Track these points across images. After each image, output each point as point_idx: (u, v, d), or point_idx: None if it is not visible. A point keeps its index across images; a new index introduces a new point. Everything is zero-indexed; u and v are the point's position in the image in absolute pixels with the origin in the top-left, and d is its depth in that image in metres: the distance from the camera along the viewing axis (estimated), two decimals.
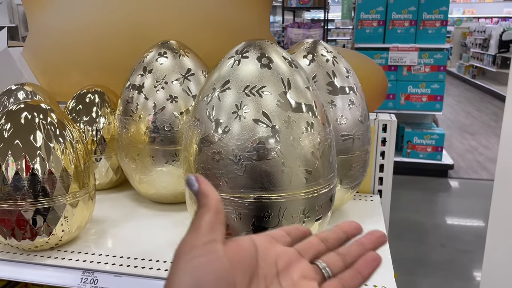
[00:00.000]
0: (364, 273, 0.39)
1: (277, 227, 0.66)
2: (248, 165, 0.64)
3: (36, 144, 0.75)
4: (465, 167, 4.21)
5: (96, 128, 1.06)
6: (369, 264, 0.39)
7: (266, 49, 0.69)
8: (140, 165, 0.96)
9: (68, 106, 1.09)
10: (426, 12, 3.73)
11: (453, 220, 3.18)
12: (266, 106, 0.65)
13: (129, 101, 0.95)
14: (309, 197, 0.67)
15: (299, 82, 0.68)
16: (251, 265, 0.35)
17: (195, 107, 0.72)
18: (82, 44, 1.25)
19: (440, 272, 2.44)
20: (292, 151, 0.65)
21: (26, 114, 0.77)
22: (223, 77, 0.68)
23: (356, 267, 0.39)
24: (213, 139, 0.66)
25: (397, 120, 1.09)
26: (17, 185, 0.74)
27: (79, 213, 0.81)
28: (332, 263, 0.39)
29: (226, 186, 0.66)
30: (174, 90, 0.93)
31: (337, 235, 0.42)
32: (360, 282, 0.38)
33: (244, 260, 0.35)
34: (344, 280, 0.38)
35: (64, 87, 1.27)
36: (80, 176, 0.80)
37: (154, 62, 0.94)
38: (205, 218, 0.34)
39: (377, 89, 1.18)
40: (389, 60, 3.81)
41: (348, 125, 0.86)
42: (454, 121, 6.16)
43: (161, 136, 0.93)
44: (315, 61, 0.87)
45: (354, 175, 0.90)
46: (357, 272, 0.39)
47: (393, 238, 2.79)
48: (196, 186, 0.36)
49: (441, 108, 3.90)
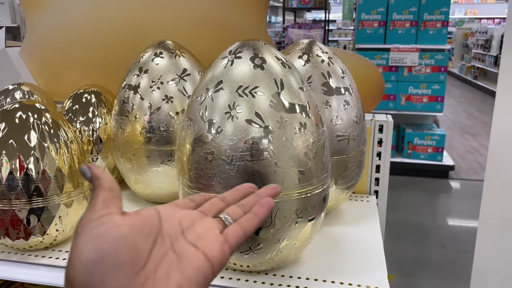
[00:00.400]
0: (260, 214, 0.43)
1: (270, 227, 0.66)
2: (240, 165, 0.64)
3: (30, 144, 0.75)
4: (466, 168, 4.20)
5: (92, 128, 1.06)
6: (263, 206, 0.44)
7: (259, 50, 0.69)
8: (136, 165, 0.96)
9: (64, 106, 1.09)
10: (427, 12, 3.73)
11: (454, 221, 3.18)
12: (259, 107, 0.65)
13: (125, 101, 0.95)
14: (302, 198, 0.67)
15: (292, 82, 0.68)
16: (154, 229, 0.38)
17: (188, 107, 0.72)
18: (79, 44, 1.25)
19: (441, 274, 2.44)
20: (284, 152, 0.64)
21: (20, 114, 0.77)
22: (216, 77, 0.68)
23: (253, 211, 0.44)
24: (206, 139, 0.66)
25: (398, 121, 1.09)
26: (11, 185, 0.74)
27: (73, 213, 0.81)
28: (232, 213, 0.44)
29: (218, 186, 0.66)
30: (170, 90, 0.93)
31: (235, 194, 0.47)
32: (257, 221, 0.43)
33: (145, 226, 0.37)
34: (242, 223, 0.42)
35: (61, 87, 1.28)
36: (75, 176, 0.80)
37: (150, 62, 0.94)
38: (99, 196, 0.38)
39: (373, 90, 1.18)
40: (390, 61, 3.81)
41: (343, 126, 0.86)
42: (455, 122, 6.15)
43: (157, 136, 0.93)
44: (311, 62, 0.87)
45: (349, 176, 0.90)
46: (253, 214, 0.43)
47: (394, 239, 2.79)
48: (88, 173, 0.39)
49: (442, 109, 3.89)
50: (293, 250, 0.71)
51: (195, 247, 0.38)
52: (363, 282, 0.72)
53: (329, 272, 0.75)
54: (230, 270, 0.75)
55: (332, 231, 0.91)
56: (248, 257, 0.69)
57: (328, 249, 0.84)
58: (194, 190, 0.68)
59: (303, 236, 0.70)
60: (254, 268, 0.73)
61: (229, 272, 0.75)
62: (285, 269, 0.76)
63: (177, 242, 0.38)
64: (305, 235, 0.71)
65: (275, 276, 0.74)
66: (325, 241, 0.86)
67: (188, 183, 0.69)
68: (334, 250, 0.83)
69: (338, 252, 0.82)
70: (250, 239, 0.66)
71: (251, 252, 0.68)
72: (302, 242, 0.72)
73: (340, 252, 0.82)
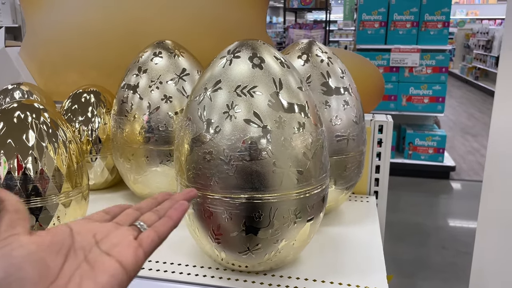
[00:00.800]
0: (174, 217, 0.44)
1: (268, 228, 0.66)
2: (239, 165, 0.64)
3: (28, 143, 0.75)
4: (466, 169, 4.19)
5: (91, 128, 1.06)
6: (177, 210, 0.45)
7: (258, 49, 0.69)
8: (135, 165, 0.96)
9: (63, 105, 1.09)
10: (428, 13, 3.72)
11: (455, 222, 3.17)
12: (258, 106, 0.64)
13: (124, 101, 0.95)
14: (300, 198, 0.66)
15: (291, 82, 0.68)
16: (65, 244, 0.38)
17: (187, 107, 0.71)
18: (79, 43, 1.25)
19: (441, 275, 2.43)
20: (283, 152, 0.64)
21: (19, 114, 0.77)
22: (215, 77, 0.68)
23: (167, 215, 0.44)
24: (204, 139, 0.66)
25: (398, 121, 1.09)
26: (9, 184, 0.74)
27: (72, 212, 0.81)
28: (147, 219, 0.44)
29: (217, 186, 0.65)
30: (169, 90, 0.93)
31: (150, 203, 0.48)
32: (171, 224, 0.44)
33: (55, 242, 0.38)
34: (157, 227, 0.43)
35: (61, 86, 1.28)
36: (73, 176, 0.80)
37: (149, 62, 0.94)
38: (5, 218, 0.38)
39: (373, 90, 1.18)
40: (391, 61, 3.81)
41: (343, 126, 0.86)
42: (456, 123, 6.14)
43: (156, 136, 0.93)
44: (310, 62, 0.87)
45: (348, 176, 0.90)
46: (168, 218, 0.44)
47: (394, 240, 2.78)
48: None
49: (443, 109, 3.89)
50: (291, 251, 0.71)
51: (108, 255, 0.38)
52: (362, 282, 0.72)
53: (328, 272, 0.75)
54: (228, 271, 0.75)
55: (331, 231, 0.90)
56: (247, 257, 0.68)
57: (327, 249, 0.83)
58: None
59: (302, 236, 0.70)
60: (252, 268, 0.72)
61: (228, 273, 0.74)
62: (283, 269, 0.75)
63: (90, 254, 0.39)
64: (304, 235, 0.70)
65: (274, 277, 0.73)
66: (324, 241, 0.86)
67: (187, 183, 0.69)
68: (333, 250, 0.83)
69: (337, 252, 0.82)
70: (249, 239, 0.66)
71: (249, 253, 0.68)
72: (301, 242, 0.71)
73: (339, 252, 0.82)
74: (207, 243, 0.70)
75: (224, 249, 0.69)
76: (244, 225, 0.65)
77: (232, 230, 0.66)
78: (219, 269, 0.75)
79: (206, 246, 0.72)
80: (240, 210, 0.65)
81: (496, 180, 0.99)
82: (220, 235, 0.68)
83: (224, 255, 0.70)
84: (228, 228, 0.66)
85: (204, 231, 0.69)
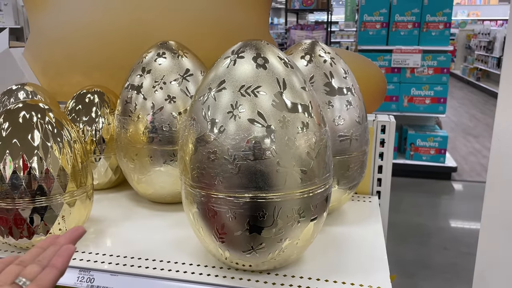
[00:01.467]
0: (58, 265, 0.43)
1: (272, 226, 0.66)
2: (243, 164, 0.64)
3: (33, 143, 0.76)
4: (468, 170, 4.19)
5: (95, 128, 1.07)
6: (61, 256, 0.43)
7: (262, 49, 0.69)
8: (139, 165, 0.96)
9: (67, 106, 1.10)
10: (429, 14, 3.73)
11: (457, 223, 3.17)
12: (262, 106, 0.65)
13: (128, 101, 0.95)
14: (304, 197, 0.67)
15: (294, 82, 0.68)
16: None
17: (191, 107, 0.72)
18: (82, 44, 1.26)
19: (443, 275, 2.43)
20: (287, 151, 0.65)
21: (24, 114, 0.77)
22: (219, 77, 0.68)
23: (51, 264, 0.43)
24: (209, 138, 0.66)
25: (400, 122, 1.09)
26: (15, 184, 0.74)
27: (76, 212, 0.81)
28: (28, 273, 0.42)
29: (221, 185, 0.66)
30: (173, 90, 0.93)
31: (35, 252, 0.46)
32: (56, 274, 0.42)
33: None
34: (40, 280, 0.41)
35: (64, 87, 1.28)
36: (78, 176, 0.81)
37: (153, 63, 0.95)
38: None
39: (376, 90, 1.18)
40: (392, 62, 3.81)
41: (346, 126, 0.86)
42: (457, 124, 6.14)
43: (159, 136, 0.93)
44: (313, 62, 0.88)
45: (351, 176, 0.90)
46: (51, 267, 0.42)
47: (396, 241, 2.78)
48: None
49: (445, 110, 3.89)
50: (295, 250, 0.71)
51: None
52: (365, 282, 0.72)
53: (332, 272, 0.75)
54: (232, 270, 0.75)
55: (334, 231, 0.91)
56: (251, 256, 0.69)
57: (331, 249, 0.84)
58: (196, 189, 0.69)
59: (305, 235, 0.70)
60: (256, 267, 0.73)
61: (232, 272, 0.75)
62: (287, 268, 0.76)
63: None
64: (307, 234, 0.71)
65: (277, 276, 0.74)
66: (328, 241, 0.86)
67: (191, 183, 0.70)
68: (337, 250, 0.83)
69: (341, 252, 0.82)
70: (253, 238, 0.67)
71: (253, 252, 0.68)
72: (304, 241, 0.72)
73: (343, 252, 0.82)
74: (211, 242, 0.71)
75: (228, 248, 0.70)
76: (248, 224, 0.66)
77: (236, 229, 0.67)
78: (223, 268, 0.76)
79: (210, 245, 0.72)
80: (244, 209, 0.65)
81: (499, 181, 0.99)
82: (224, 234, 0.68)
83: (228, 254, 0.71)
84: (232, 227, 0.67)
85: (208, 230, 0.70)
